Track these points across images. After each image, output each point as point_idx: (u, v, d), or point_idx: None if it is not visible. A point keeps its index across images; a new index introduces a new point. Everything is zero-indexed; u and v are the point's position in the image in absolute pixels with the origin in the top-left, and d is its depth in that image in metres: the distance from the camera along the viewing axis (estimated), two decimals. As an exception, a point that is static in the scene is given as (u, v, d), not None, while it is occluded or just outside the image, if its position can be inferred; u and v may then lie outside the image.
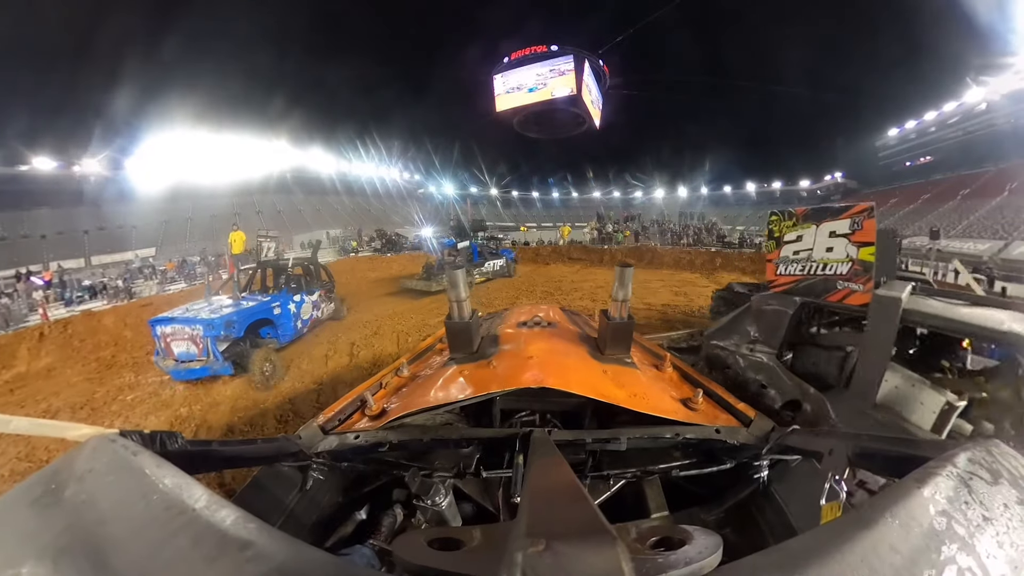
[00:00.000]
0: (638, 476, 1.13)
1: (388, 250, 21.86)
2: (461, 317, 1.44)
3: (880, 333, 2.27)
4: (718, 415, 1.26)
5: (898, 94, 35.56)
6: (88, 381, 6.17)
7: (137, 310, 8.92)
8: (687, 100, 43.49)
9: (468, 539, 0.60)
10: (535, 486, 0.68)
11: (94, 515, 0.52)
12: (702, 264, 15.42)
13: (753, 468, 1.10)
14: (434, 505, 0.94)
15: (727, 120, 45.44)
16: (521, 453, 1.00)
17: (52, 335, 7.58)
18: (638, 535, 0.61)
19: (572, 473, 0.71)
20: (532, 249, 21.41)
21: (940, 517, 0.49)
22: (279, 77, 33.24)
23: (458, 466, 1.09)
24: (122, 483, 0.58)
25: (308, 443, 1.13)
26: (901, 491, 0.53)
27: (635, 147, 45.51)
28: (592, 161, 47.62)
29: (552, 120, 15.65)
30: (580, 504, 0.58)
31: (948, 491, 0.52)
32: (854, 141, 41.67)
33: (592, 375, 1.26)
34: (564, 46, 14.25)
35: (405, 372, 1.55)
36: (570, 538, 0.48)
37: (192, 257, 19.10)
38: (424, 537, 0.60)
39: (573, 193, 52.61)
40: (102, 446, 0.65)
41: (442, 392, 1.23)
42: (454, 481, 1.07)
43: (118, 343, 7.73)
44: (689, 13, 33.80)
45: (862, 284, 2.60)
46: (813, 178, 46.69)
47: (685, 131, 45.04)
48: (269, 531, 0.50)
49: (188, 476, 0.60)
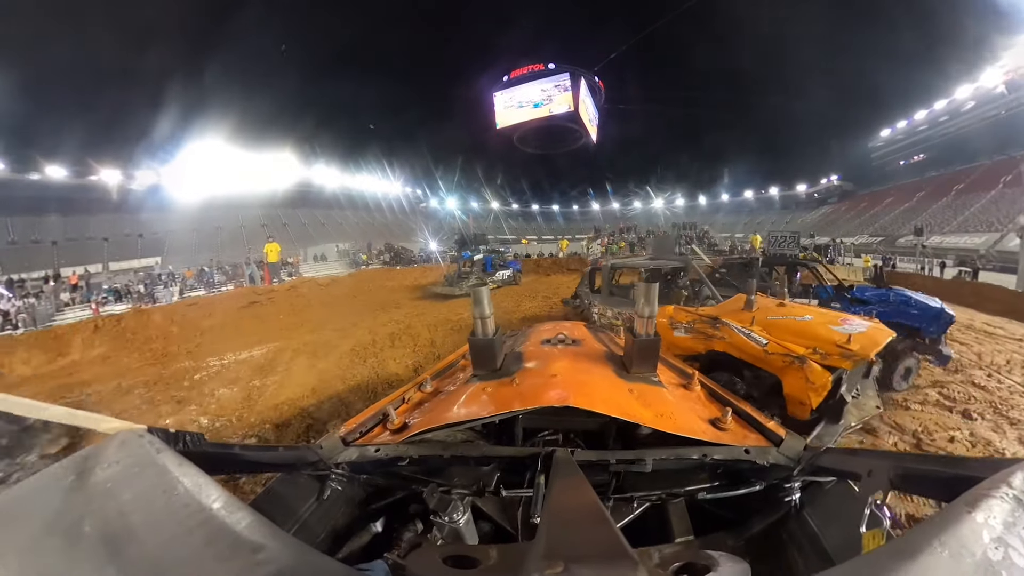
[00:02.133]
0: (663, 499, 1.09)
1: (396, 263, 22.84)
2: (485, 334, 1.42)
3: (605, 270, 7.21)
4: (747, 435, 1.21)
5: (889, 94, 36.27)
6: (151, 365, 6.96)
7: (183, 309, 9.76)
8: (680, 113, 44.54)
9: (484, 558, 0.60)
10: (556, 507, 0.68)
11: (116, 505, 0.54)
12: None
13: (784, 491, 1.04)
14: (451, 522, 0.92)
15: (722, 130, 46.40)
16: (543, 473, 0.98)
17: (106, 327, 8.42)
18: (661, 560, 0.60)
19: (594, 494, 0.70)
20: (533, 261, 22.39)
21: (995, 545, 0.45)
22: (299, 99, 34.87)
23: (478, 484, 1.07)
24: (145, 477, 0.59)
25: (328, 453, 1.12)
26: (950, 516, 0.49)
27: (631, 159, 46.54)
28: (590, 174, 48.61)
29: (551, 135, 16.29)
30: (602, 527, 0.57)
31: (1004, 515, 0.48)
32: (847, 143, 42.41)
33: (617, 394, 1.23)
34: (561, 64, 14.98)
35: (428, 387, 1.54)
36: (590, 561, 0.47)
37: (206, 268, 19.89)
38: (439, 554, 0.60)
39: (573, 206, 53.44)
40: (130, 440, 0.66)
41: (464, 409, 1.21)
42: (473, 499, 1.05)
43: (167, 337, 8.51)
44: (680, 28, 34.81)
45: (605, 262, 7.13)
46: (810, 182, 47.30)
47: (680, 143, 46.21)
48: (283, 537, 0.51)
49: (207, 476, 0.61)
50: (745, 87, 41.40)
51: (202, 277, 17.55)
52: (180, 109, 26.67)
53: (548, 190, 51.91)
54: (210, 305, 10.24)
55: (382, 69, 43.27)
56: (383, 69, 43.32)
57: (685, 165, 46.11)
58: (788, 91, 37.18)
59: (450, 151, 43.29)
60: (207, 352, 7.31)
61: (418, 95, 44.74)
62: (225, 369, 6.29)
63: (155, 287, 14.58)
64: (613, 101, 20.77)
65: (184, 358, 7.17)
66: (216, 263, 20.08)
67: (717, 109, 44.83)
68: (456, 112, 38.66)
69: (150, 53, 26.63)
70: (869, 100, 37.07)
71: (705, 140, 46.49)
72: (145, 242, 28.16)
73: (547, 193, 52.59)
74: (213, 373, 6.17)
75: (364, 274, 17.46)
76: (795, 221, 41.48)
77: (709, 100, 45.15)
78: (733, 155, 46.12)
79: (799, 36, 34.11)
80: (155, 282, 15.73)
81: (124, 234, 27.86)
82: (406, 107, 42.64)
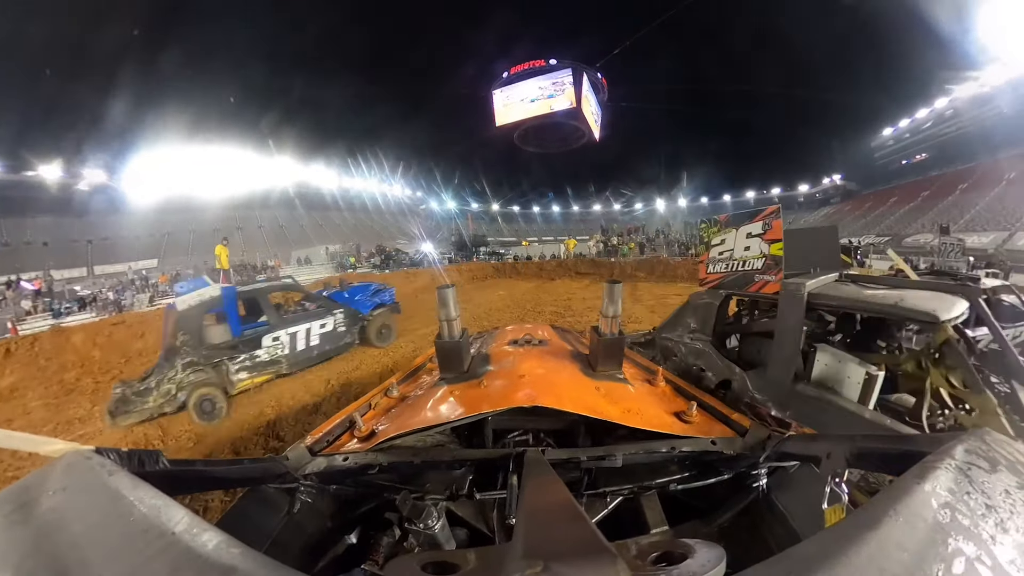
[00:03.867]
0: (635, 492, 1.12)
1: (386, 267, 21.31)
2: (451, 336, 1.41)
3: (789, 315, 2.57)
4: (713, 427, 1.25)
5: (890, 94, 35.81)
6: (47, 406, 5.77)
7: (109, 328, 8.43)
8: (684, 110, 43.94)
9: (463, 562, 0.59)
10: (530, 507, 0.68)
11: (65, 537, 0.50)
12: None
13: (751, 477, 1.10)
14: (427, 529, 0.92)
15: (726, 129, 45.73)
16: (515, 473, 0.98)
17: (19, 352, 7.22)
18: (638, 552, 0.60)
19: (567, 492, 0.70)
20: (535, 264, 20.98)
21: (944, 510, 0.49)
22: (282, 93, 33.68)
23: (451, 488, 1.06)
24: (97, 503, 0.55)
25: (295, 465, 1.10)
26: (902, 488, 0.53)
27: (635, 158, 45.68)
28: (592, 174, 47.90)
29: (552, 133, 15.61)
30: (577, 523, 0.57)
31: (949, 483, 0.53)
32: (850, 143, 41.93)
33: (585, 392, 1.26)
34: (562, 60, 14.29)
35: (395, 393, 1.53)
36: (569, 558, 0.47)
37: (188, 271, 18.98)
38: (417, 561, 0.58)
39: (574, 207, 52.79)
40: (77, 463, 0.63)
41: (433, 412, 1.21)
42: (447, 504, 1.05)
43: (85, 363, 7.26)
44: (683, 24, 34.16)
45: (775, 275, 2.94)
46: (812, 182, 46.78)
47: (684, 141, 45.36)
48: (254, 556, 0.48)
49: (168, 497, 0.57)
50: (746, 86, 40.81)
51: (177, 283, 16.55)
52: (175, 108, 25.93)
53: (548, 190, 51.21)
54: (143, 323, 8.83)
55: (380, 66, 42.54)
56: (381, 66, 42.59)
57: (688, 164, 45.41)
58: (794, 89, 36.57)
59: (448, 150, 42.58)
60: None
61: (418, 95, 43.92)
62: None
63: (124, 293, 13.63)
64: (616, 98, 20.01)
65: (87, 398, 5.94)
66: (203, 267, 19.25)
67: (719, 108, 44.24)
68: (454, 110, 37.86)
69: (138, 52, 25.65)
70: (871, 98, 36.55)
71: (708, 139, 45.79)
72: (142, 244, 27.41)
73: (547, 194, 51.88)
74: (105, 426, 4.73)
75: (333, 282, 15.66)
76: (797, 221, 40.90)
77: (711, 98, 44.62)
78: (735, 155, 45.60)
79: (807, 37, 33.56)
80: (126, 287, 14.81)
81: (116, 236, 27.06)
82: (404, 105, 41.80)
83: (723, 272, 3.39)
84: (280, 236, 33.65)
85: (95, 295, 12.74)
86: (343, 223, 38.67)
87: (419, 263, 22.10)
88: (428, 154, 42.24)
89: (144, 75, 25.63)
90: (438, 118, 41.02)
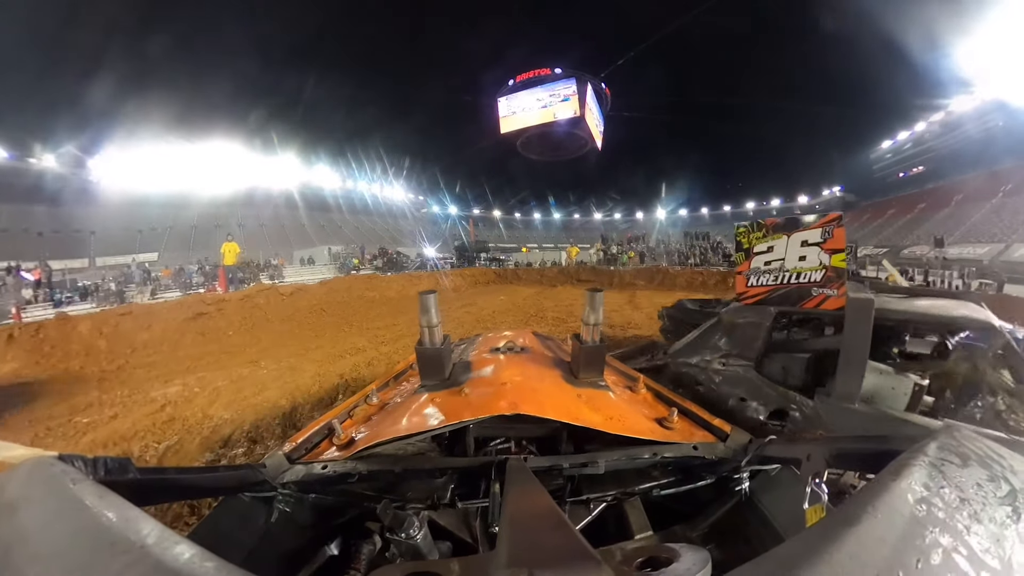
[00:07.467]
0: (619, 498, 1.11)
1: (389, 269, 21.82)
2: (432, 343, 1.40)
3: (858, 333, 2.38)
4: (694, 432, 1.27)
5: (888, 106, 36.18)
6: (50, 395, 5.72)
7: (117, 318, 8.31)
8: (684, 121, 44.30)
9: (447, 572, 0.59)
10: (513, 514, 0.67)
11: (24, 550, 0.47)
12: (715, 284, 14.77)
13: (734, 481, 1.11)
14: (408, 538, 0.90)
15: (726, 140, 46.20)
16: (497, 481, 0.98)
17: (22, 338, 6.98)
18: (623, 557, 0.60)
19: (550, 499, 0.70)
20: (536, 270, 20.98)
21: (920, 504, 0.50)
22: (291, 94, 34.12)
23: (432, 497, 1.05)
24: (59, 514, 0.52)
25: (273, 473, 1.07)
26: (880, 485, 0.54)
27: (636, 168, 46.09)
28: (594, 182, 48.21)
29: (555, 142, 15.83)
30: (561, 530, 0.57)
31: (923, 479, 0.55)
32: (850, 155, 42.25)
33: (567, 399, 1.26)
34: (567, 69, 14.56)
35: (375, 400, 1.51)
36: (553, 565, 0.47)
37: (190, 265, 18.91)
38: (401, 571, 0.58)
39: (575, 215, 53.04)
40: (38, 471, 0.59)
41: (413, 420, 1.19)
42: (429, 513, 1.02)
43: (91, 353, 7.11)
44: (688, 36, 34.60)
45: (836, 289, 2.70)
46: (811, 194, 47.10)
47: (685, 152, 45.74)
48: (230, 569, 0.46)
49: (137, 508, 0.54)
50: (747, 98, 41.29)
51: (179, 277, 16.44)
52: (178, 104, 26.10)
53: (550, 198, 51.51)
54: (150, 315, 8.73)
55: (389, 73, 42.90)
56: (390, 73, 42.96)
57: (688, 175, 45.71)
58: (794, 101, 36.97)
59: (452, 156, 42.94)
60: (123, 380, 5.98)
61: (422, 99, 44.26)
62: (124, 411, 4.88)
63: (129, 285, 13.66)
64: (619, 108, 20.32)
65: (94, 388, 5.88)
66: (204, 262, 19.31)
67: (719, 119, 44.66)
68: (459, 116, 38.23)
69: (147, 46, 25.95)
70: (870, 110, 36.94)
71: (710, 150, 46.20)
72: (143, 238, 27.53)
73: (548, 201, 52.17)
74: (109, 416, 4.65)
75: (341, 283, 15.35)
76: (797, 232, 41.08)
77: (711, 110, 45.03)
78: (736, 165, 45.99)
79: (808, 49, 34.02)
80: (129, 280, 14.74)
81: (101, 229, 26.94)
82: (411, 111, 42.08)
83: (772, 285, 2.99)
84: (281, 235, 33.80)
85: (96, 285, 12.75)
86: (344, 225, 38.82)
87: (422, 267, 22.42)
88: (431, 159, 42.66)
89: (148, 71, 26.05)
90: (443, 124, 41.49)
